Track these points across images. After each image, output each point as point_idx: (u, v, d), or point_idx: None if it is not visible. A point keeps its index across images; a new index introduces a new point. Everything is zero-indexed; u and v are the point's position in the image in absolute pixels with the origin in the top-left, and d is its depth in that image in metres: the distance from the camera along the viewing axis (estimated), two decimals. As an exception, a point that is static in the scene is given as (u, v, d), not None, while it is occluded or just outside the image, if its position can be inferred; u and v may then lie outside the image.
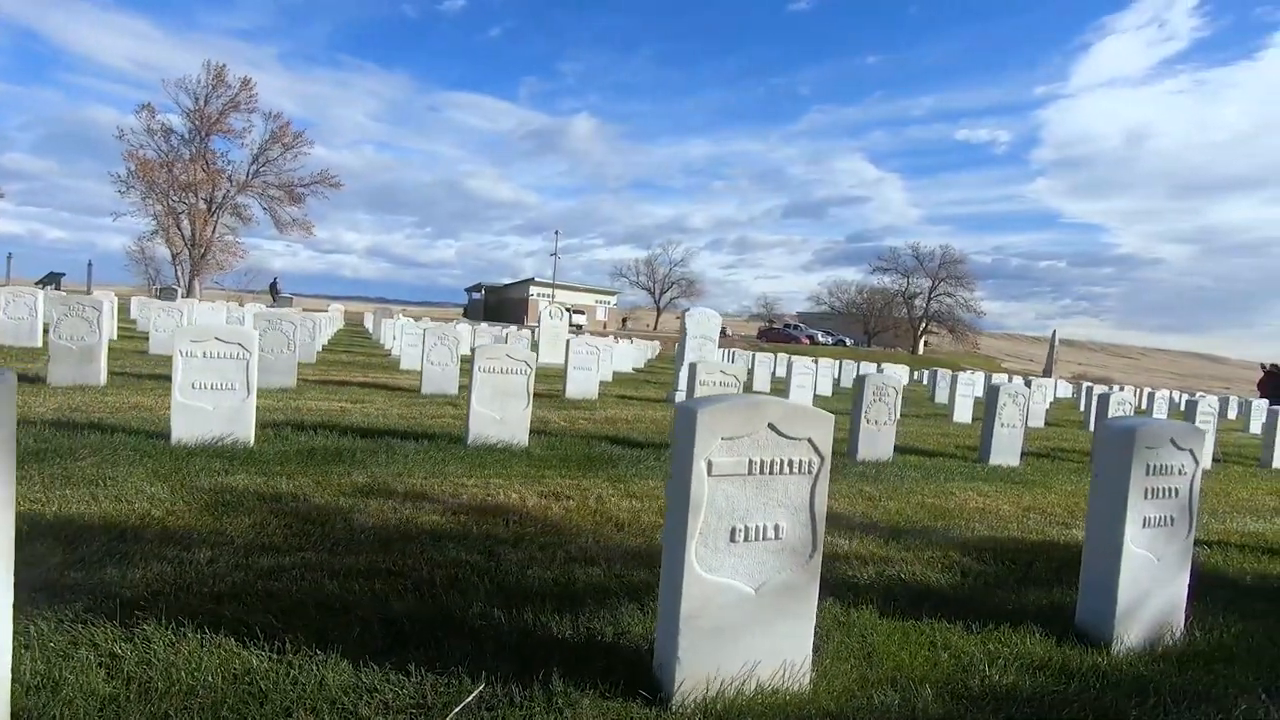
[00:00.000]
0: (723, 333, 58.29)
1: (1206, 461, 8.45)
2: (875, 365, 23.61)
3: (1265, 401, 18.35)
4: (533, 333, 20.82)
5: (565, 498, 4.30)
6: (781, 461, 2.19)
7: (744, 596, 2.17)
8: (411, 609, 2.49)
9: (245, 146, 45.91)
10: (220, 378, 4.87)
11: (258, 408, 5.07)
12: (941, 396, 16.92)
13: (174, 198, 43.99)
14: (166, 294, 30.03)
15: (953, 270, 67.53)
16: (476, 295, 77.42)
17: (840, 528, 4.21)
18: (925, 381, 22.52)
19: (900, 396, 7.21)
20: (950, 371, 17.14)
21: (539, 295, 66.68)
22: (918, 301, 68.67)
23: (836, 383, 19.55)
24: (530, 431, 6.03)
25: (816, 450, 2.25)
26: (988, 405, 7.81)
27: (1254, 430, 15.97)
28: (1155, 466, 2.87)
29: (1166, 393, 21.15)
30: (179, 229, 44.65)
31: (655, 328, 73.46)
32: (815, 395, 13.83)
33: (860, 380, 7.10)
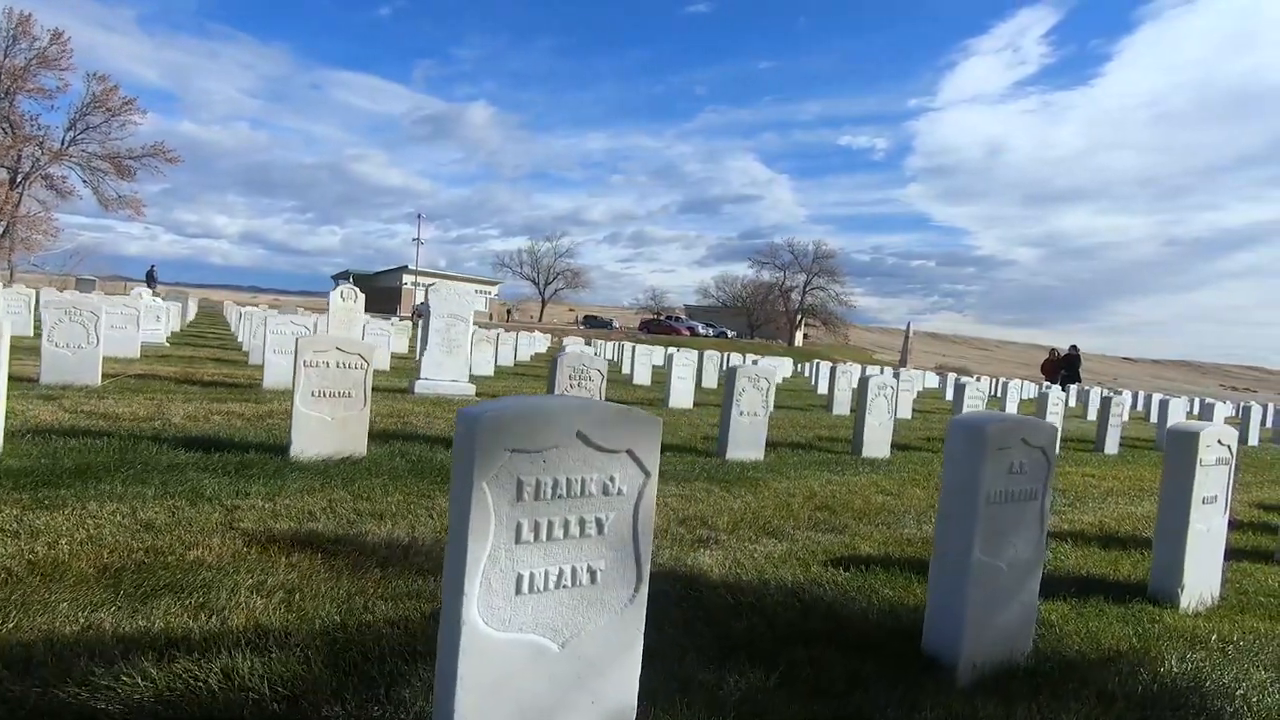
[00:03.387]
0: (609, 324, 57.35)
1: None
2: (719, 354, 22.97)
3: (1058, 386, 19.14)
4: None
5: None
6: None
7: None
8: None
9: (56, 109, 40.01)
10: None
11: None
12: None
13: (-36, 165, 37.73)
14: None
15: (825, 265, 70.00)
16: (342, 283, 72.22)
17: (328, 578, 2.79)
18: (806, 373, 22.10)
19: (605, 381, 5.98)
20: (782, 359, 16.58)
21: (413, 284, 62.96)
22: (794, 295, 70.66)
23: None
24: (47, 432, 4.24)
25: None
26: (726, 391, 6.77)
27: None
28: (542, 485, 1.59)
29: (988, 379, 21.85)
30: (-28, 200, 38.42)
31: (540, 319, 71.35)
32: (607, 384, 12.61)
33: (553, 363, 5.80)
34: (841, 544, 3.99)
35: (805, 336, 73.26)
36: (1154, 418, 18.40)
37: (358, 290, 16.57)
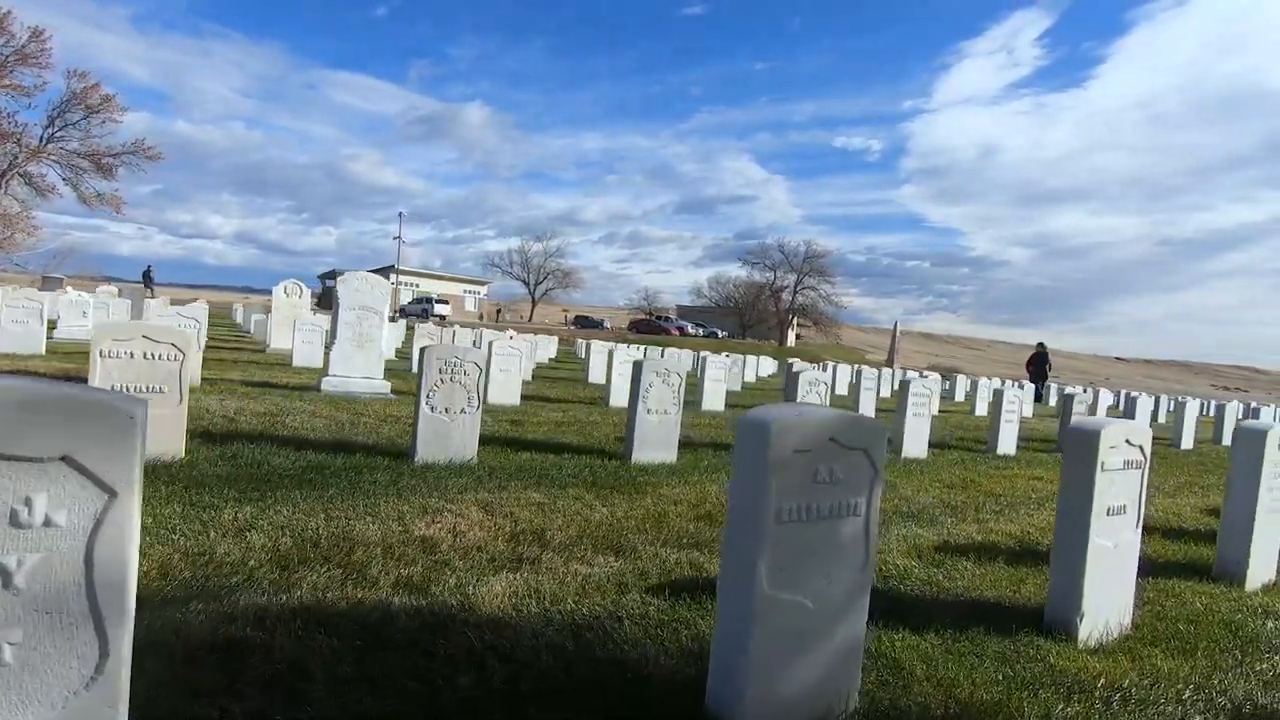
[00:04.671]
0: (600, 324, 56.89)
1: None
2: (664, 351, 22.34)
3: (1032, 385, 18.57)
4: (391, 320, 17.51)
5: None
6: None
7: None
8: None
9: (34, 107, 39.37)
10: None
11: None
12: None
13: (-61, 162, 37.14)
14: None
15: (816, 265, 69.37)
16: (330, 283, 71.88)
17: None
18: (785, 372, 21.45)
19: (482, 375, 5.38)
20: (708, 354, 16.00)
21: (400, 284, 62.44)
22: (784, 295, 70.05)
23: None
24: None
25: None
26: (632, 388, 6.18)
27: (1025, 413, 15.88)
28: None
29: (963, 378, 21.28)
30: (-56, 198, 37.84)
31: (530, 319, 70.68)
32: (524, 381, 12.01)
33: (422, 353, 5.21)
34: (690, 562, 3.40)
35: (798, 337, 72.82)
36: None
37: (303, 286, 16.00)
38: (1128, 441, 3.13)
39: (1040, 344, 18.85)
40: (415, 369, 13.07)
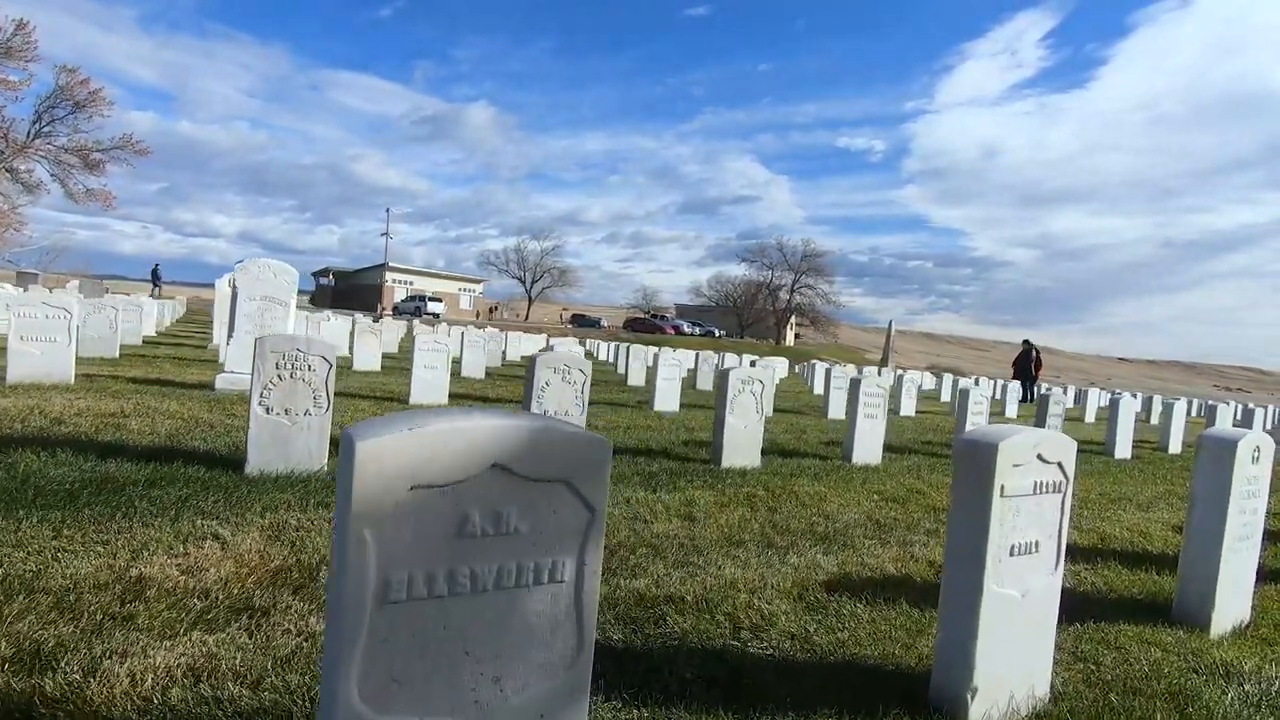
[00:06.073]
0: (598, 323, 56.30)
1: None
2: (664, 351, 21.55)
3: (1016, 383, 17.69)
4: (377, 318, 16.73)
5: None
6: None
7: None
8: None
9: (20, 100, 38.75)
10: None
11: None
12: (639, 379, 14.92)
13: (-77, 157, 36.60)
14: None
15: (814, 264, 68.49)
16: (325, 280, 71.49)
17: None
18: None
19: (332, 370, 4.63)
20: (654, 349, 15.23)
21: (394, 282, 61.92)
22: (782, 294, 69.21)
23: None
24: None
25: None
26: (526, 387, 5.42)
27: (1010, 414, 15.05)
28: None
29: (952, 377, 20.47)
30: (-71, 194, 37.30)
31: (526, 318, 69.96)
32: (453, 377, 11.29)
33: (255, 345, 4.45)
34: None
35: (797, 336, 72.08)
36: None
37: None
38: (1040, 457, 2.36)
39: (1026, 341, 17.96)
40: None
